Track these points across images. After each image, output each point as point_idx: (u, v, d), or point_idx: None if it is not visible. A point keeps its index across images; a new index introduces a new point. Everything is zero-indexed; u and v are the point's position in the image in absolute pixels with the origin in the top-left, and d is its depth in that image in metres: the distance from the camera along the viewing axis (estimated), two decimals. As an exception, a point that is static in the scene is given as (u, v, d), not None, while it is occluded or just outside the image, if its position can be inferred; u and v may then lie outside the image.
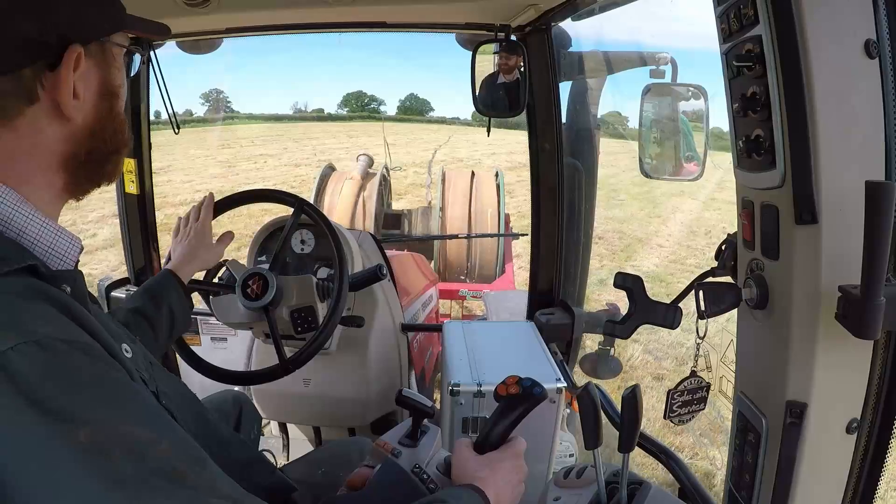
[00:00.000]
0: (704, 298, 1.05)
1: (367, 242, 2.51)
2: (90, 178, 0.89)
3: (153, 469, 0.65)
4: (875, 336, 0.84)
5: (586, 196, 2.55)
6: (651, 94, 1.85)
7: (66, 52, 0.79)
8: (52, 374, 0.64)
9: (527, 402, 1.11)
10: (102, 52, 0.86)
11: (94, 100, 0.85)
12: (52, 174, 0.83)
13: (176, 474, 0.67)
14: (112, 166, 0.92)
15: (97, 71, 0.85)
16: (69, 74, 0.79)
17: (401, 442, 1.28)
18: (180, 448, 0.71)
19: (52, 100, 0.79)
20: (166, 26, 1.05)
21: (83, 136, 0.84)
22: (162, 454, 0.67)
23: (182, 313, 1.59)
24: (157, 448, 0.67)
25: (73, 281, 0.79)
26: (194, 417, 1.00)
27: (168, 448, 0.68)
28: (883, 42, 0.86)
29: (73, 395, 0.64)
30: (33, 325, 0.66)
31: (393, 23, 2.17)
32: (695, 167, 1.85)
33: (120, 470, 0.63)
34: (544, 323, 2.27)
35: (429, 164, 9.13)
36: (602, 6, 1.96)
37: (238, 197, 1.90)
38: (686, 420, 1.17)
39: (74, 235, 0.84)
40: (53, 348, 0.65)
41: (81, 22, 0.82)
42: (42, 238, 0.79)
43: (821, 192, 0.87)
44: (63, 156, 0.83)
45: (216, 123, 41.39)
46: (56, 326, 0.68)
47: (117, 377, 0.71)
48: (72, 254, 0.83)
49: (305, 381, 2.36)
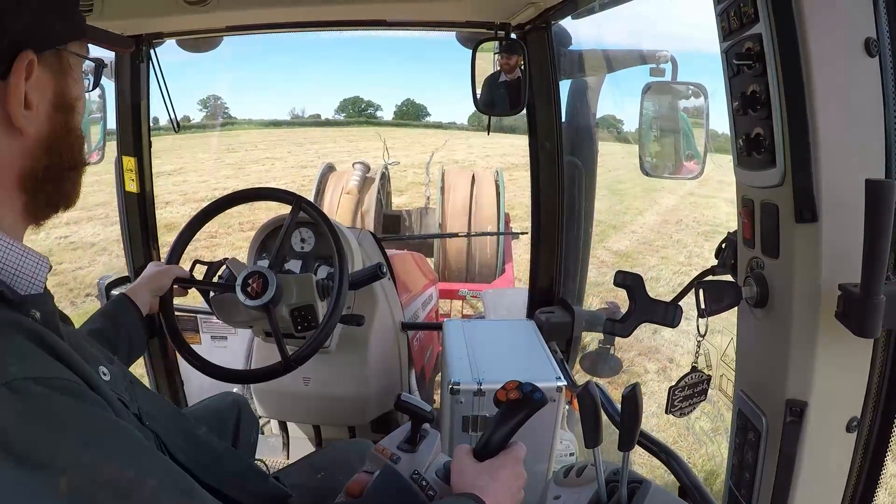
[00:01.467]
0: (705, 297, 1.05)
1: (367, 241, 2.51)
2: (50, 199, 0.84)
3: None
4: (875, 334, 0.84)
5: (586, 194, 2.55)
6: (651, 92, 1.85)
7: (17, 58, 0.74)
8: (27, 421, 0.61)
9: (527, 407, 1.11)
10: (59, 61, 0.82)
11: (49, 111, 0.80)
12: (10, 193, 0.79)
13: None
14: (71, 185, 0.87)
15: (52, 80, 0.81)
16: (20, 82, 0.74)
17: (400, 447, 1.27)
18: (167, 483, 0.69)
19: (2, 110, 0.74)
20: (130, 40, 1.01)
21: (38, 150, 0.80)
22: (149, 492, 0.65)
23: (138, 337, 1.58)
24: (142, 487, 0.65)
25: (42, 304, 0.76)
26: (182, 435, 0.98)
27: (154, 485, 0.66)
28: (883, 40, 0.86)
29: (50, 441, 0.61)
30: (4, 366, 0.63)
31: (393, 20, 2.17)
32: (695, 165, 1.85)
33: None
34: (544, 321, 2.27)
35: (427, 165, 9.24)
36: (602, 4, 1.96)
37: (236, 196, 1.90)
38: (687, 412, 1.18)
39: (41, 255, 0.79)
40: (26, 391, 0.62)
41: (36, 29, 0.77)
42: (7, 260, 0.75)
43: (821, 190, 0.87)
44: (19, 172, 0.79)
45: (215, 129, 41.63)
46: (28, 363, 0.65)
47: (95, 413, 0.68)
48: (40, 275, 0.78)
49: (305, 379, 2.36)
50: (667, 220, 13.77)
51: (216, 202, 1.91)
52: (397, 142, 32.28)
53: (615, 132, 10.52)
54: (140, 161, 2.46)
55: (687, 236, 12.40)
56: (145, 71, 2.35)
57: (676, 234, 12.64)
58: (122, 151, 2.45)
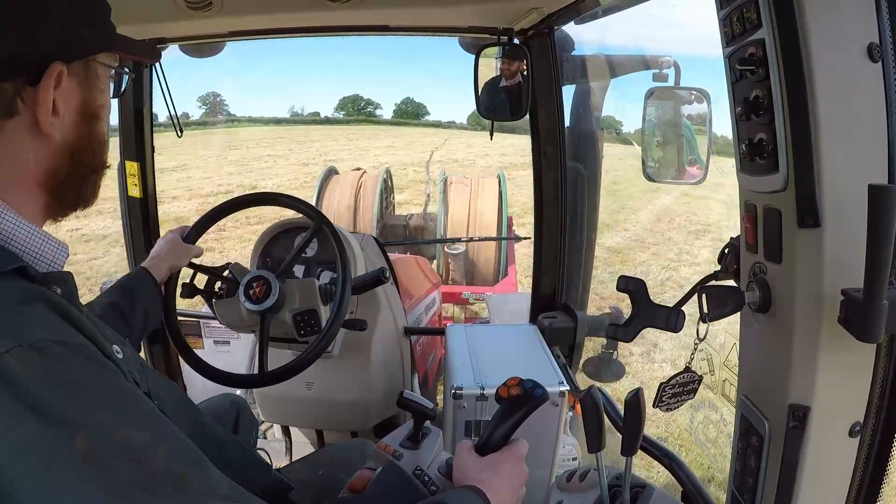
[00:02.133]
0: (707, 302, 1.05)
1: (369, 246, 2.51)
2: (70, 201, 0.89)
3: (152, 473, 0.65)
4: (878, 339, 0.84)
5: (589, 200, 2.55)
6: (654, 97, 1.85)
7: (48, 69, 0.78)
8: (49, 378, 0.64)
9: (528, 403, 1.11)
10: (87, 71, 0.86)
11: (75, 119, 0.85)
12: (32, 191, 0.83)
13: (175, 478, 0.67)
14: (90, 188, 0.91)
15: (79, 90, 0.85)
16: (49, 91, 0.79)
17: (402, 444, 1.27)
18: (178, 451, 0.71)
19: (31, 115, 0.79)
20: (156, 49, 1.04)
21: (62, 155, 0.84)
22: (160, 458, 0.67)
23: (154, 310, 1.62)
24: (155, 452, 0.67)
25: (63, 283, 0.79)
26: (189, 420, 1.00)
27: (166, 452, 0.68)
28: (886, 45, 0.86)
29: (70, 399, 0.63)
30: (29, 328, 0.66)
31: (395, 26, 2.17)
32: (698, 170, 1.85)
33: (118, 475, 0.63)
34: (547, 326, 2.27)
35: (426, 164, 9.37)
36: (605, 10, 1.97)
37: (264, 197, 1.90)
38: (674, 408, 1.18)
39: (61, 241, 0.84)
40: (50, 351, 0.65)
41: (67, 40, 0.81)
42: (30, 243, 0.79)
43: (823, 195, 0.87)
44: (42, 174, 0.83)
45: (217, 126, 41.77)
46: (51, 329, 0.68)
47: (113, 379, 0.71)
48: (59, 258, 0.83)
49: (308, 384, 2.36)
50: (660, 218, 14.18)
51: (246, 196, 1.91)
52: (398, 140, 33.16)
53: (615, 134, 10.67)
54: (143, 166, 2.47)
55: (678, 234, 12.80)
56: (148, 76, 2.36)
57: (668, 232, 13.05)
58: (125, 156, 2.46)
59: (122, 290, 1.56)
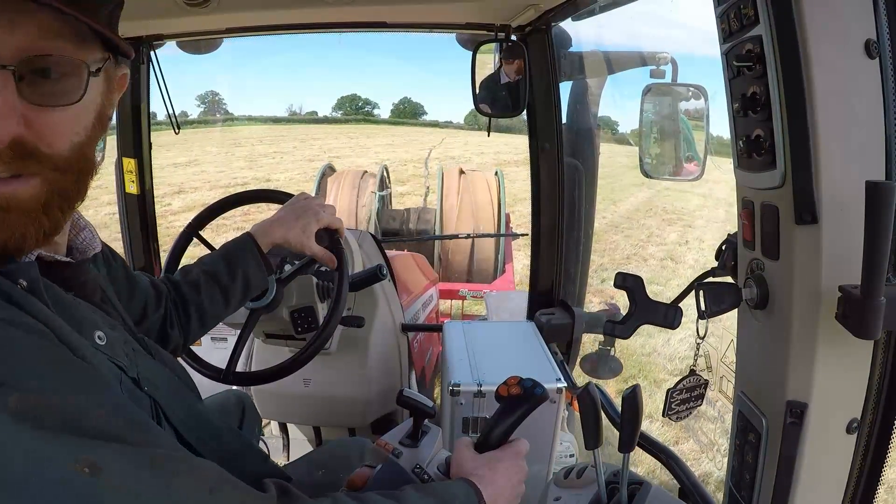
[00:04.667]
0: (705, 298, 1.05)
1: (367, 242, 2.51)
2: None
3: (86, 429, 0.65)
4: (875, 336, 0.84)
5: (586, 196, 2.55)
6: (651, 94, 1.85)
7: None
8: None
9: (528, 402, 1.11)
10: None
11: None
12: None
13: (111, 434, 0.66)
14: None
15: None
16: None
17: (401, 442, 1.27)
18: (118, 413, 0.70)
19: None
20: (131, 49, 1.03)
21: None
22: (97, 418, 0.66)
23: (257, 279, 1.51)
24: (92, 412, 0.66)
25: (27, 273, 0.77)
26: (184, 408, 0.98)
27: (102, 414, 0.67)
28: (883, 42, 0.86)
29: (4, 364, 0.63)
30: None
31: (393, 23, 2.17)
32: (695, 167, 1.85)
33: (52, 432, 0.62)
34: (544, 323, 2.28)
35: (425, 161, 9.45)
36: (602, 6, 1.96)
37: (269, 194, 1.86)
38: (684, 416, 1.18)
39: None
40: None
41: None
42: None
43: (821, 191, 0.87)
44: None
45: (216, 125, 41.86)
46: (2, 312, 0.68)
47: (55, 351, 0.70)
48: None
49: (306, 381, 2.36)
50: (638, 208, 15.16)
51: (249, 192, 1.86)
52: (396, 139, 33.96)
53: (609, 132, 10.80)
54: (140, 162, 2.46)
55: (652, 221, 13.91)
56: (145, 73, 2.35)
57: (643, 219, 14.08)
58: (123, 153, 2.45)
59: (222, 259, 1.48)
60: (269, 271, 1.54)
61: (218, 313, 1.47)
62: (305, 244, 1.54)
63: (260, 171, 21.80)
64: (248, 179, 19.33)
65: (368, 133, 33.20)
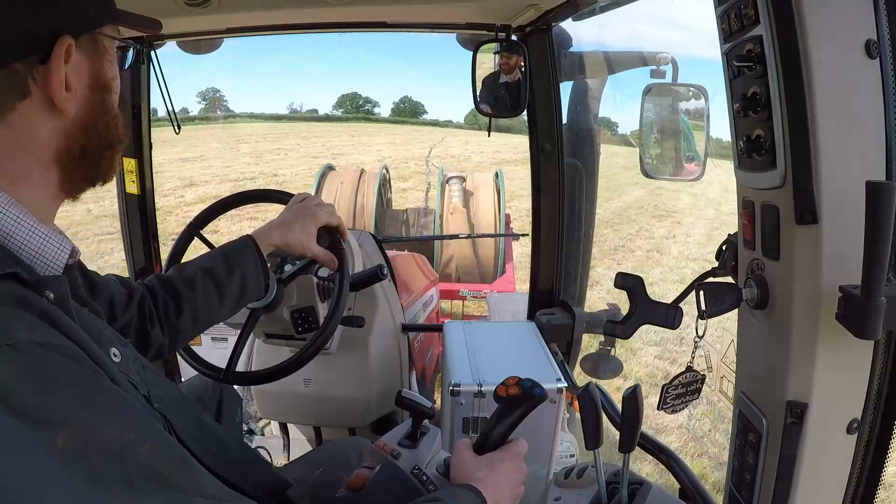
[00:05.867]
0: (705, 298, 1.05)
1: (367, 242, 2.50)
2: (85, 175, 0.89)
3: (134, 470, 0.64)
4: (876, 336, 0.84)
5: (587, 196, 2.55)
6: (652, 94, 1.85)
7: (57, 43, 0.79)
8: (29, 378, 0.63)
9: (527, 402, 1.11)
10: (94, 44, 0.86)
11: (86, 92, 0.85)
12: (46, 171, 0.83)
13: (158, 475, 0.66)
14: (106, 163, 0.92)
15: (89, 63, 0.86)
16: (60, 66, 0.79)
17: (400, 443, 1.27)
18: (162, 449, 0.70)
19: (44, 93, 0.79)
20: (158, 21, 1.04)
21: (76, 130, 0.84)
22: (143, 456, 0.66)
23: (255, 281, 1.49)
24: (138, 449, 0.66)
25: (56, 286, 0.77)
26: (192, 421, 0.99)
27: (150, 449, 0.67)
28: (883, 42, 0.86)
29: (49, 399, 0.63)
30: (10, 329, 0.65)
31: (393, 23, 2.17)
32: (695, 167, 1.85)
33: (100, 473, 0.62)
34: (545, 323, 2.27)
35: (427, 159, 9.57)
36: (603, 6, 1.96)
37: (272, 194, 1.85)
38: (679, 409, 1.18)
39: (65, 240, 0.84)
40: (30, 352, 0.64)
41: (73, 15, 0.82)
42: (29, 243, 0.78)
43: (821, 192, 0.87)
44: (56, 151, 0.83)
45: (217, 122, 41.91)
46: (34, 331, 0.67)
47: (96, 379, 0.70)
48: (59, 259, 0.82)
49: (306, 381, 2.36)
50: (630, 205, 15.62)
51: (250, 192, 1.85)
52: (397, 137, 34.48)
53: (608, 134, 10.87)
54: (140, 162, 2.46)
55: (642, 217, 14.51)
56: (145, 73, 2.35)
57: (634, 216, 14.64)
58: (123, 153, 2.45)
59: (221, 257, 1.46)
60: (266, 275, 1.53)
61: (211, 312, 1.44)
62: (306, 246, 1.53)
63: (266, 167, 22.18)
64: (256, 174, 19.64)
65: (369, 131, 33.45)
